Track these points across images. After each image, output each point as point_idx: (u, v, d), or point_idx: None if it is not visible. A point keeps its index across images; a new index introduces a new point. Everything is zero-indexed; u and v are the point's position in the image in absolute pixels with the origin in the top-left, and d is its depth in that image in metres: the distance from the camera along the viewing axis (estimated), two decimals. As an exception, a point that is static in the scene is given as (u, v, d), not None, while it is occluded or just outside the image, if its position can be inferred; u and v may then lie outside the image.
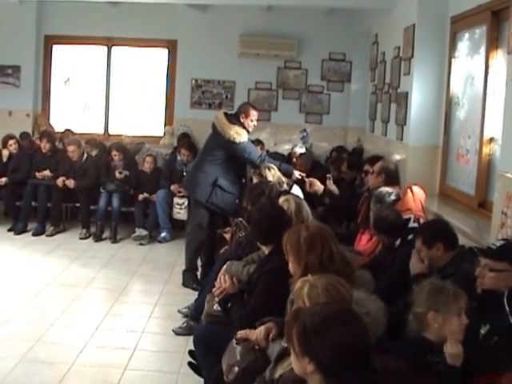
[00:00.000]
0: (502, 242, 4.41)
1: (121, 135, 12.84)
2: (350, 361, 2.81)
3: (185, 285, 8.71)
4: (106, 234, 11.30)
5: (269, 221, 5.37)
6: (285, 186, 7.77)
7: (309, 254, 4.32)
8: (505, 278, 4.20)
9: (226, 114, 8.60)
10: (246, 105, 8.89)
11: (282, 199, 6.11)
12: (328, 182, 8.76)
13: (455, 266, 4.86)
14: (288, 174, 8.45)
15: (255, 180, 8.08)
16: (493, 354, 3.73)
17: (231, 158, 8.45)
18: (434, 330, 3.80)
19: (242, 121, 8.47)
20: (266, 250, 5.36)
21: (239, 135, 8.30)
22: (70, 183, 11.26)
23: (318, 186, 8.61)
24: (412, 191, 6.84)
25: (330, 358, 2.83)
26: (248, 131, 8.52)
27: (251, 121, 8.55)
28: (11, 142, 11.67)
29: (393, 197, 6.84)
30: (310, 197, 8.08)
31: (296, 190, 7.81)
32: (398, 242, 6.00)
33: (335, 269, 4.15)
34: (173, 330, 7.16)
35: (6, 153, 11.72)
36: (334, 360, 2.82)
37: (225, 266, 6.00)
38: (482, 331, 4.03)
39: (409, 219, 6.28)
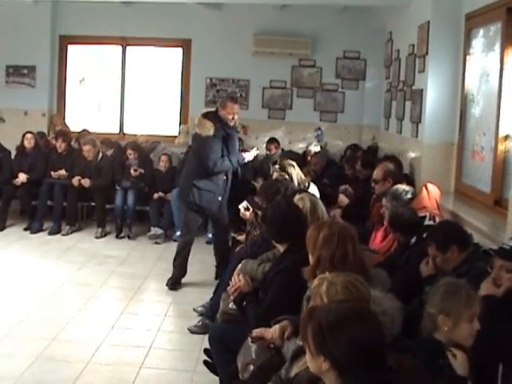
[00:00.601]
0: None
1: (136, 135, 12.88)
2: (365, 359, 2.81)
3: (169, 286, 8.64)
4: (124, 232, 11.37)
5: (284, 219, 5.37)
6: (306, 184, 7.80)
7: (322, 249, 4.35)
8: None
9: (207, 112, 8.61)
10: (225, 97, 8.99)
11: (297, 197, 6.11)
12: (340, 197, 8.77)
13: (469, 265, 4.84)
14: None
15: (275, 176, 8.05)
16: None
17: None
18: (443, 332, 3.78)
19: (220, 114, 8.31)
20: (281, 248, 5.36)
21: (203, 128, 8.19)
22: (86, 182, 11.29)
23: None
24: (427, 189, 6.82)
25: (346, 355, 2.83)
26: (229, 125, 8.31)
27: (229, 114, 8.29)
28: (29, 135, 11.70)
29: (409, 195, 6.82)
30: (325, 196, 8.07)
31: (313, 188, 7.82)
32: (413, 240, 5.99)
33: (345, 269, 4.14)
34: (188, 329, 7.17)
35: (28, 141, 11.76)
36: (349, 358, 2.82)
37: (240, 265, 6.02)
38: None
39: (424, 217, 6.27)
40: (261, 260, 5.93)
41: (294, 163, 8.16)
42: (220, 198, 8.50)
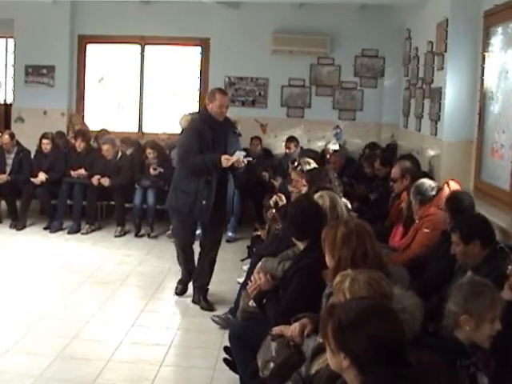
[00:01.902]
0: None
1: (155, 134, 12.90)
2: (385, 355, 2.80)
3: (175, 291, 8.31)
4: (142, 231, 11.40)
5: (305, 216, 5.36)
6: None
7: (342, 248, 4.31)
8: None
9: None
10: (213, 89, 7.86)
11: (316, 195, 6.10)
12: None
13: (491, 265, 4.83)
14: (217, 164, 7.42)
15: (294, 176, 8.03)
16: None
17: None
18: (465, 332, 3.77)
19: (208, 108, 7.58)
20: (301, 245, 5.35)
21: (184, 122, 7.95)
22: (105, 181, 11.33)
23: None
24: (449, 186, 6.81)
25: (366, 352, 2.82)
26: (217, 121, 7.53)
27: (218, 107, 7.49)
28: (45, 141, 11.74)
29: (434, 192, 6.80)
30: (344, 194, 8.06)
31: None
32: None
33: (366, 267, 4.14)
34: (211, 318, 7.20)
35: (45, 146, 11.81)
36: (369, 355, 2.82)
37: (260, 263, 6.02)
38: None
39: None
40: (281, 258, 5.93)
41: (310, 161, 8.13)
42: (204, 202, 7.49)
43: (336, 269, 4.25)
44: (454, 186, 6.88)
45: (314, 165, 8.08)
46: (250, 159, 7.89)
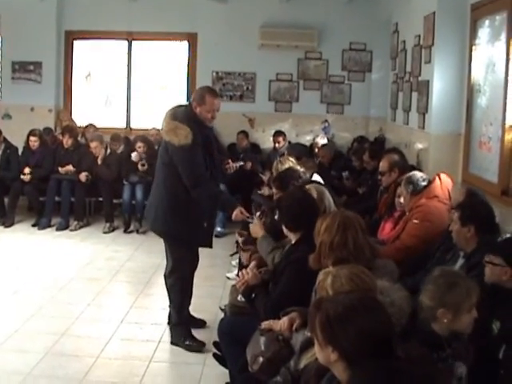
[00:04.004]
0: (506, 237, 4.47)
1: (143, 129, 12.87)
2: (373, 349, 2.82)
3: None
4: (131, 226, 11.45)
5: (301, 206, 5.32)
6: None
7: (323, 235, 4.41)
8: (499, 273, 4.26)
9: (174, 108, 6.57)
10: (201, 90, 6.54)
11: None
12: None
13: (482, 255, 4.84)
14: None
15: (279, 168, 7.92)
16: None
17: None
18: (442, 324, 3.73)
19: (195, 111, 6.36)
20: (293, 238, 5.31)
21: (176, 135, 6.18)
22: (82, 177, 11.41)
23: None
24: (440, 178, 6.81)
25: (354, 346, 2.84)
26: (206, 125, 6.43)
27: (208, 112, 6.34)
28: (33, 138, 11.71)
29: (425, 182, 6.80)
30: (332, 188, 8.05)
31: (316, 178, 7.76)
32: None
33: (344, 256, 4.19)
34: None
35: (32, 143, 11.78)
36: (357, 348, 2.83)
37: (259, 239, 5.95)
38: (494, 327, 4.03)
39: None
40: (274, 246, 5.84)
41: (292, 159, 8.05)
42: (206, 225, 6.58)
43: (318, 254, 4.40)
44: (445, 178, 6.88)
45: (294, 161, 7.91)
46: (242, 163, 7.67)
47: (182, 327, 6.73)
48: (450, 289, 3.75)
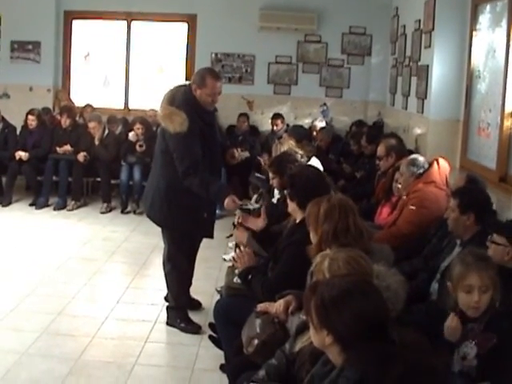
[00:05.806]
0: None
1: (141, 110, 12.86)
2: (368, 332, 2.82)
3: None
4: (129, 207, 11.45)
5: (317, 180, 5.30)
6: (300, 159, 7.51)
7: (325, 223, 4.35)
8: (501, 253, 4.30)
9: (172, 90, 6.29)
10: (202, 71, 6.19)
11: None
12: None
13: (479, 243, 4.84)
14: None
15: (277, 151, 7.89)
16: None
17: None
18: (451, 298, 3.87)
19: (195, 94, 6.09)
20: (299, 216, 5.24)
21: (172, 122, 5.98)
22: (81, 157, 11.41)
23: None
24: (438, 164, 6.80)
25: (348, 329, 2.84)
26: (207, 110, 6.20)
27: (208, 95, 6.06)
28: (31, 117, 11.69)
29: (425, 165, 6.80)
30: (330, 171, 8.04)
31: (314, 162, 7.72)
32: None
33: (348, 242, 4.16)
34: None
35: (30, 122, 11.76)
36: (352, 331, 2.83)
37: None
38: None
39: None
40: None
41: (292, 141, 8.01)
42: (206, 215, 6.41)
43: (319, 244, 4.29)
44: (443, 164, 6.87)
45: (288, 146, 7.79)
46: (248, 155, 7.48)
47: (179, 310, 6.66)
48: (453, 264, 3.93)
